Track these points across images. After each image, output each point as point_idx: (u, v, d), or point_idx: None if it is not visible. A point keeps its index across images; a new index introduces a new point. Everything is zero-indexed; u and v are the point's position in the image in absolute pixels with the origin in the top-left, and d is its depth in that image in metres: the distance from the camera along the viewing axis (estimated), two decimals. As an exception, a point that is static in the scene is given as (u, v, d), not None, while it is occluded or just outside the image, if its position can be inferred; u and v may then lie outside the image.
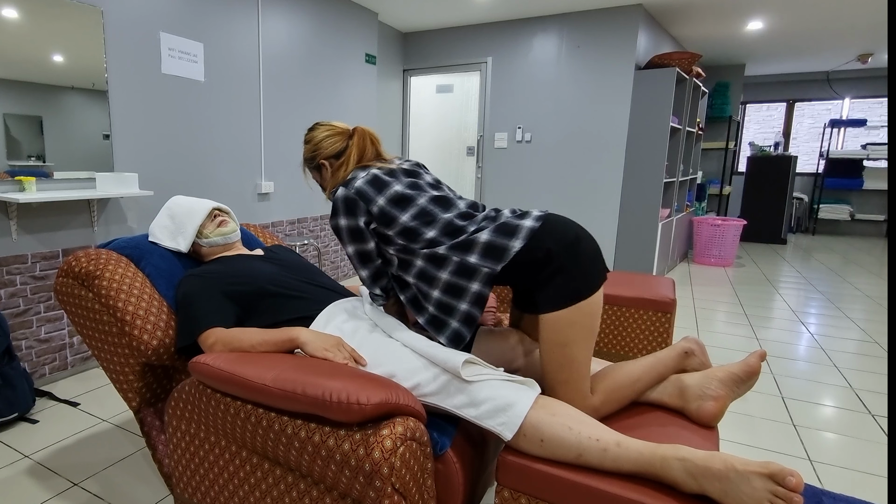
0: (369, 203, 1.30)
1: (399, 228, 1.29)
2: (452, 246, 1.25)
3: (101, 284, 1.35)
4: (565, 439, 1.02)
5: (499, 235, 1.24)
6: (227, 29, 3.10)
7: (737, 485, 0.88)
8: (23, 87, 2.21)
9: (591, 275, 1.21)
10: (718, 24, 4.87)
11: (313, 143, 1.49)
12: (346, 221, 1.32)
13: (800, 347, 3.00)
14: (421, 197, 1.34)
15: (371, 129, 1.49)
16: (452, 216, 1.32)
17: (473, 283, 1.24)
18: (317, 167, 1.51)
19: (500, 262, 1.21)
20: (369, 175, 1.35)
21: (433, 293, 1.29)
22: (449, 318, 1.27)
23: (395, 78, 5.23)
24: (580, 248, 1.21)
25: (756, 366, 1.21)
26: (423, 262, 1.29)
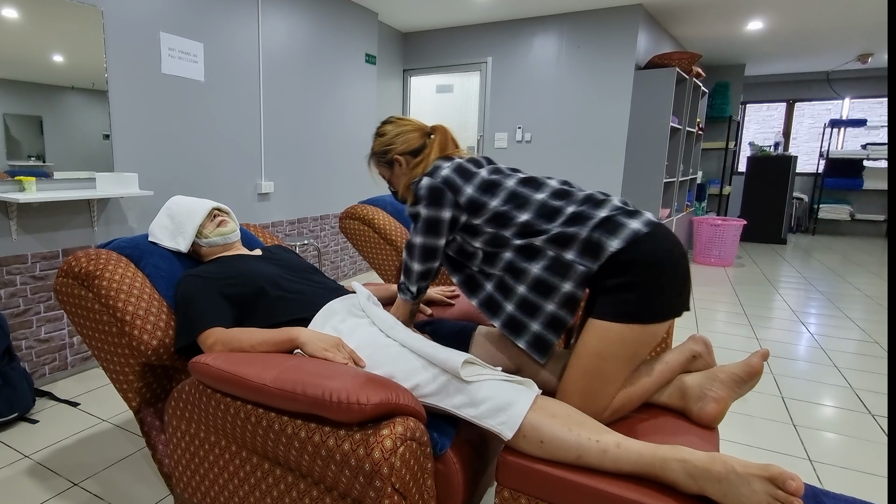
0: (457, 193, 1.26)
1: (489, 215, 1.23)
2: (549, 239, 1.17)
3: (101, 284, 1.35)
4: (565, 440, 1.01)
5: (600, 231, 1.14)
6: (227, 29, 3.10)
7: (737, 487, 0.88)
8: (23, 87, 2.21)
9: (665, 304, 1.13)
10: (718, 24, 4.87)
11: (389, 136, 1.45)
12: (428, 212, 1.27)
13: (800, 347, 3.00)
14: (508, 180, 1.28)
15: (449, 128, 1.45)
16: (546, 196, 1.24)
17: (566, 282, 1.15)
18: (389, 162, 1.46)
19: (597, 260, 1.13)
20: (454, 164, 1.31)
21: (518, 289, 1.21)
22: (531, 321, 1.20)
23: (395, 78, 5.23)
24: (669, 272, 1.12)
25: (758, 366, 1.19)
26: (513, 254, 1.22)
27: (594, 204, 1.21)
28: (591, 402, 1.17)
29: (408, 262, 1.36)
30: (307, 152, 3.84)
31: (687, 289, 1.17)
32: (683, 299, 1.17)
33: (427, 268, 1.34)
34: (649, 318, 1.12)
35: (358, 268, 4.58)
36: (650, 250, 1.12)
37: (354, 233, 2.70)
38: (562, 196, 1.24)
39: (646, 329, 1.13)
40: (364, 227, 2.65)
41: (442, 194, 1.26)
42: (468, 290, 1.34)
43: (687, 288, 1.17)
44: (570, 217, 1.19)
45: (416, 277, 1.36)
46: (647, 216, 1.17)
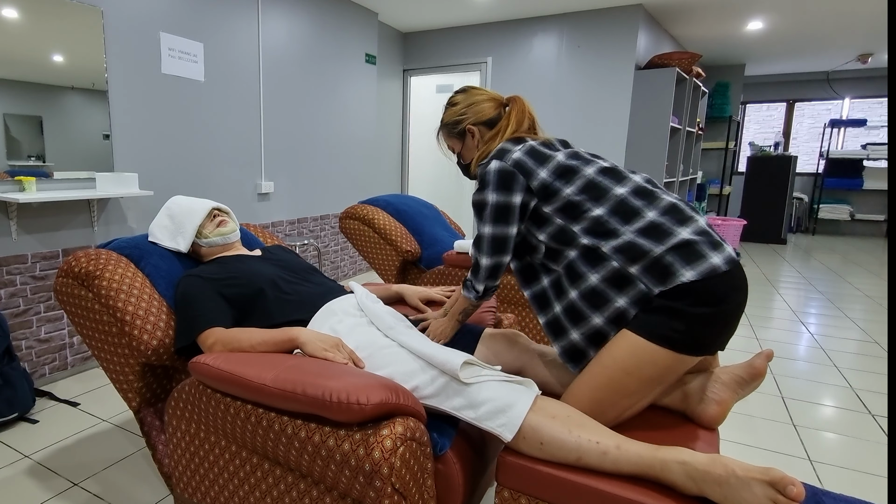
0: (529, 176, 1.17)
1: (561, 203, 1.15)
2: (619, 248, 1.08)
3: (101, 284, 1.35)
4: (565, 442, 1.01)
5: (675, 254, 1.05)
6: (227, 29, 3.10)
7: (737, 490, 0.88)
8: (23, 87, 2.21)
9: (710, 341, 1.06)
10: (718, 24, 4.87)
11: (461, 105, 1.37)
12: (497, 197, 1.17)
13: (800, 347, 3.00)
14: (588, 167, 1.18)
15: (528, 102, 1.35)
16: (626, 192, 1.14)
17: (621, 297, 1.08)
18: (460, 133, 1.37)
19: (661, 285, 1.04)
20: (526, 146, 1.22)
21: (571, 293, 1.14)
22: (573, 328, 1.14)
23: (395, 78, 5.23)
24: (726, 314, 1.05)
25: (761, 367, 1.16)
26: (577, 256, 1.13)
27: (678, 219, 1.10)
28: (601, 412, 1.13)
29: (477, 257, 1.26)
30: (307, 152, 3.84)
31: (734, 330, 1.11)
32: (726, 340, 1.11)
33: (497, 262, 1.24)
34: (689, 351, 1.06)
35: (358, 268, 4.58)
36: (720, 287, 1.04)
37: (354, 233, 2.70)
38: (644, 196, 1.15)
39: (680, 358, 1.07)
40: (364, 227, 2.65)
41: (512, 178, 1.17)
42: (524, 279, 1.28)
43: (734, 329, 1.10)
44: (649, 226, 1.09)
45: (484, 274, 1.26)
46: (728, 251, 1.07)
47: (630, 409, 1.14)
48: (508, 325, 1.73)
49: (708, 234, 1.09)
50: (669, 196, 1.17)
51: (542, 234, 1.20)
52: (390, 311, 1.45)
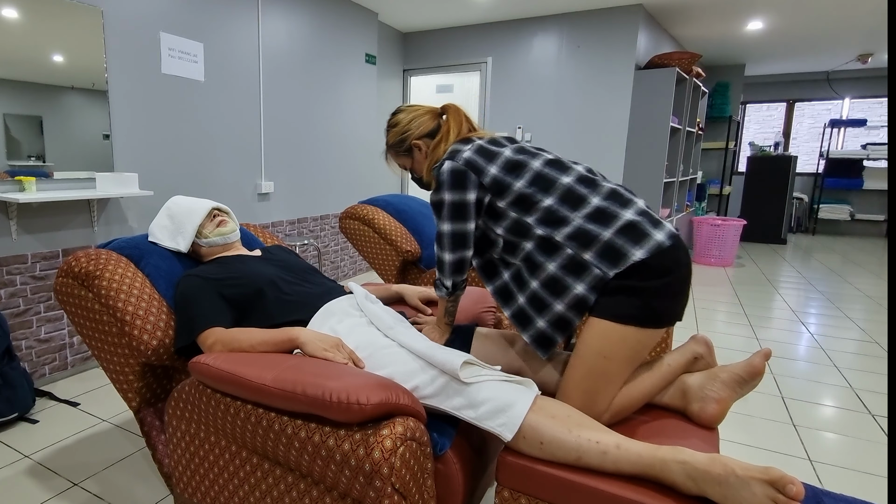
0: (481, 174, 1.23)
1: (513, 197, 1.21)
2: (571, 235, 1.16)
3: (101, 284, 1.35)
4: (565, 441, 1.01)
5: (623, 237, 1.13)
6: (227, 29, 3.10)
7: (737, 490, 0.88)
8: (23, 87, 2.21)
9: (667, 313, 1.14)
10: (718, 24, 4.87)
11: (401, 125, 1.43)
12: (452, 196, 1.24)
13: (800, 347, 3.00)
14: (535, 160, 1.25)
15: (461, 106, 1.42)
16: (572, 181, 1.22)
17: (579, 283, 1.14)
18: (407, 150, 1.44)
19: (614, 267, 1.12)
20: (475, 145, 1.29)
21: (532, 283, 1.20)
22: (538, 316, 1.20)
23: (395, 78, 5.23)
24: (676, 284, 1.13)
25: (760, 366, 1.18)
26: (533, 247, 1.20)
27: (619, 202, 1.19)
28: (592, 401, 1.17)
29: (439, 254, 1.31)
30: (307, 152, 3.84)
31: (686, 299, 1.19)
32: (682, 309, 1.18)
33: (459, 257, 1.29)
34: (651, 324, 1.13)
35: (358, 268, 4.58)
36: (665, 261, 1.11)
37: (354, 233, 2.70)
38: (588, 184, 1.22)
39: (646, 332, 1.13)
40: (364, 227, 2.65)
41: (465, 176, 1.23)
42: (485, 275, 1.33)
43: (686, 298, 1.19)
44: (595, 211, 1.17)
45: (449, 269, 1.31)
46: (669, 228, 1.16)
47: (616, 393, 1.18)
48: (508, 324, 1.73)
49: (648, 213, 1.18)
50: (609, 183, 1.26)
51: (500, 228, 1.25)
52: (390, 311, 1.45)
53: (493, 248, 1.30)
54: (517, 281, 1.25)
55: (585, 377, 1.16)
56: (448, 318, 1.42)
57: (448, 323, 1.43)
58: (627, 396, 1.20)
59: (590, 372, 1.15)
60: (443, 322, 1.43)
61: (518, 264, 1.25)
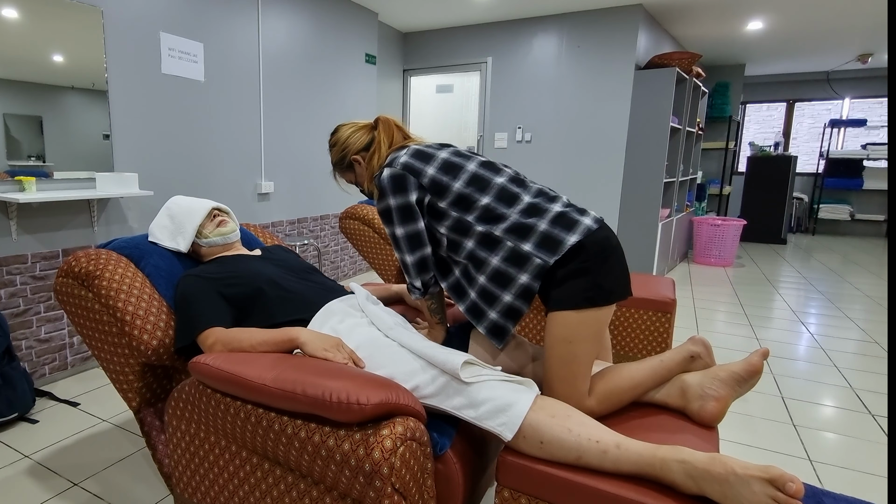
0: (419, 175, 1.28)
1: (453, 197, 1.27)
2: (508, 229, 1.23)
3: (101, 284, 1.35)
4: (565, 441, 1.01)
5: (556, 226, 1.21)
6: (227, 29, 3.10)
7: (737, 489, 0.88)
8: (23, 87, 2.21)
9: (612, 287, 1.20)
10: (718, 24, 4.87)
11: (340, 143, 1.49)
12: (396, 200, 1.28)
13: (800, 347, 3.00)
14: (469, 163, 1.32)
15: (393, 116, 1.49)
16: (505, 181, 1.30)
17: (523, 274, 1.21)
18: (349, 166, 1.50)
19: (553, 254, 1.19)
20: (411, 150, 1.34)
21: (479, 278, 1.26)
22: (489, 309, 1.25)
23: (395, 78, 5.23)
24: (612, 258, 1.21)
25: (758, 364, 1.19)
26: (475, 244, 1.26)
27: (547, 198, 1.28)
28: (572, 386, 1.21)
29: (401, 258, 1.35)
30: (307, 152, 3.84)
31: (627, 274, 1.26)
32: (626, 283, 1.25)
33: (420, 256, 1.33)
34: (602, 300, 1.19)
35: (358, 268, 4.58)
36: (597, 240, 1.20)
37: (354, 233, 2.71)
38: (518, 183, 1.31)
39: (600, 311, 1.20)
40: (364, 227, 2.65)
41: (404, 179, 1.28)
42: (440, 273, 1.37)
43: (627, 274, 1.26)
44: (527, 207, 1.25)
45: (414, 270, 1.35)
46: (593, 214, 1.26)
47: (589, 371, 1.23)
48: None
49: (573, 205, 1.29)
50: (535, 183, 1.36)
51: (443, 227, 1.30)
52: (390, 311, 1.45)
53: (439, 248, 1.35)
54: (466, 277, 1.30)
55: (558, 365, 1.21)
56: (437, 316, 1.44)
57: (439, 321, 1.45)
58: (613, 382, 1.24)
59: (560, 359, 1.20)
60: (433, 322, 1.44)
61: (464, 262, 1.29)
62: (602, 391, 1.23)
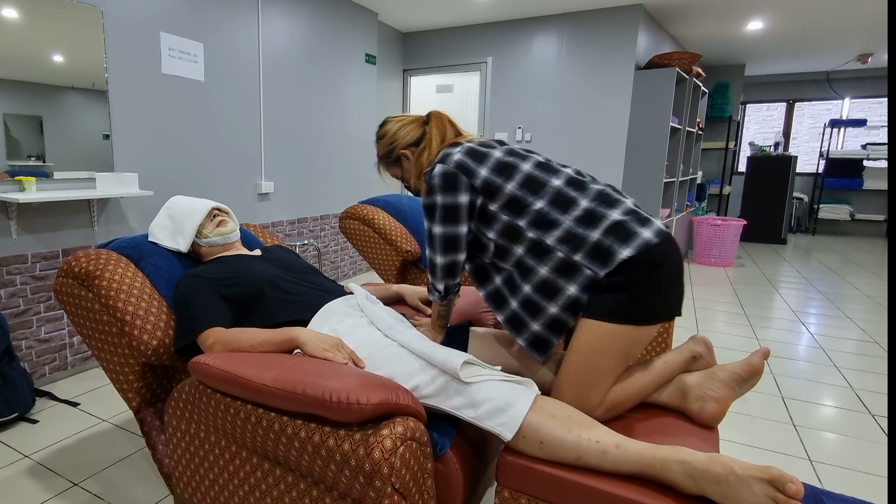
0: (471, 175, 1.23)
1: (505, 200, 1.22)
2: (561, 238, 1.17)
3: (101, 284, 1.35)
4: (565, 441, 1.01)
5: (611, 236, 1.14)
6: (227, 29, 3.10)
7: (736, 489, 0.88)
8: (23, 87, 2.21)
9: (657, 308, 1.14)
10: (718, 24, 4.87)
11: (388, 136, 1.45)
12: (444, 198, 1.23)
13: (800, 347, 3.00)
14: (525, 163, 1.26)
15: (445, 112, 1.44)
16: (561, 184, 1.23)
17: (572, 285, 1.15)
18: (396, 160, 1.46)
19: (604, 266, 1.12)
20: (464, 148, 1.29)
21: (524, 287, 1.21)
22: (532, 320, 1.20)
23: (395, 78, 5.23)
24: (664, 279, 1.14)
25: (759, 364, 1.18)
26: (524, 251, 1.21)
27: (608, 203, 1.20)
28: (584, 396, 1.17)
29: (431, 257, 1.30)
30: (307, 152, 3.84)
31: (679, 294, 1.19)
32: (675, 304, 1.18)
33: (451, 260, 1.28)
34: (641, 320, 1.13)
35: (358, 268, 4.58)
36: (653, 255, 1.12)
37: (354, 233, 2.71)
38: (576, 186, 1.23)
39: (637, 329, 1.14)
40: (364, 227, 2.65)
41: (456, 178, 1.23)
42: (477, 280, 1.33)
43: (680, 294, 1.19)
44: (584, 214, 1.18)
45: (441, 273, 1.30)
46: (657, 225, 1.17)
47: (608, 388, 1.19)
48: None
49: (636, 212, 1.19)
50: (597, 184, 1.26)
51: (492, 232, 1.25)
52: (390, 311, 1.45)
53: (484, 253, 1.30)
54: (509, 285, 1.25)
55: (577, 372, 1.17)
56: (441, 321, 1.42)
57: (442, 325, 1.43)
58: (622, 392, 1.21)
59: (582, 367, 1.16)
60: (437, 325, 1.42)
61: (509, 269, 1.25)
62: (610, 401, 1.20)
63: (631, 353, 1.17)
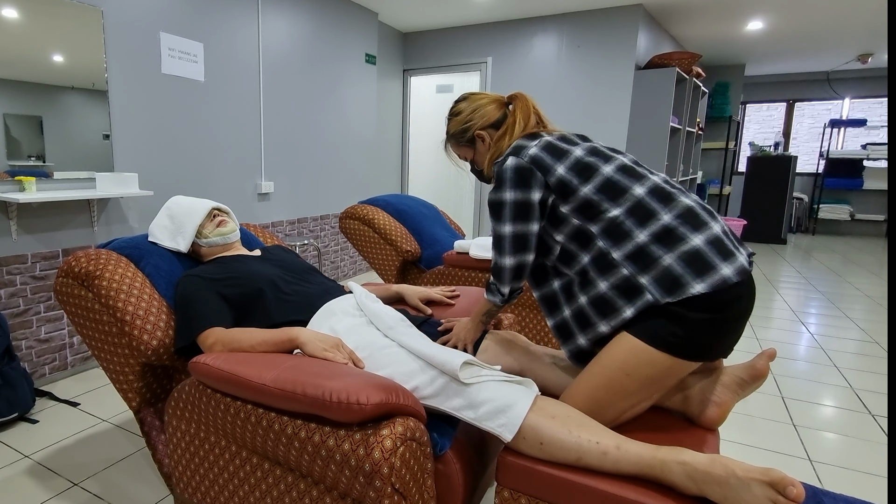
0: (547, 172, 1.14)
1: (578, 203, 1.13)
2: (630, 254, 1.07)
3: (101, 284, 1.35)
4: (565, 442, 1.01)
5: (686, 265, 1.03)
6: (227, 29, 3.10)
7: (737, 491, 0.88)
8: (23, 87, 2.21)
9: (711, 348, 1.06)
10: (718, 24, 4.87)
11: (466, 113, 1.35)
12: (515, 195, 1.15)
13: (800, 347, 3.00)
14: (607, 165, 1.15)
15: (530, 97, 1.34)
16: (644, 193, 1.11)
17: (629, 307, 1.06)
18: (470, 140, 1.36)
19: (668, 295, 1.03)
20: (542, 142, 1.20)
21: (580, 298, 1.14)
22: (580, 333, 1.15)
23: (395, 78, 5.23)
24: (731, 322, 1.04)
25: (763, 368, 1.15)
26: (589, 262, 1.13)
27: (692, 224, 1.08)
28: (599, 411, 1.13)
29: (497, 259, 1.22)
30: (307, 152, 3.84)
31: (738, 337, 1.10)
32: (730, 347, 1.10)
33: (520, 261, 1.19)
34: (689, 356, 1.06)
35: (358, 268, 4.58)
36: (727, 298, 1.03)
37: (354, 233, 2.70)
38: (661, 197, 1.11)
39: (679, 362, 1.07)
40: (364, 227, 2.65)
41: (530, 174, 1.14)
42: (534, 280, 1.27)
43: (739, 336, 1.10)
44: (662, 230, 1.07)
45: (509, 276, 1.21)
46: (741, 261, 1.05)
47: (628, 412, 1.14)
48: (508, 325, 1.73)
49: (720, 241, 1.06)
50: (687, 198, 1.13)
51: (559, 235, 1.18)
52: (390, 311, 1.45)
53: (548, 255, 1.22)
54: (566, 293, 1.19)
55: (600, 388, 1.10)
56: (486, 317, 1.35)
57: (484, 322, 1.36)
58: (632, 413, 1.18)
59: (607, 384, 1.10)
60: (479, 319, 1.35)
61: (571, 276, 1.18)
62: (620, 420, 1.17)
63: (662, 385, 1.10)
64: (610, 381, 1.10)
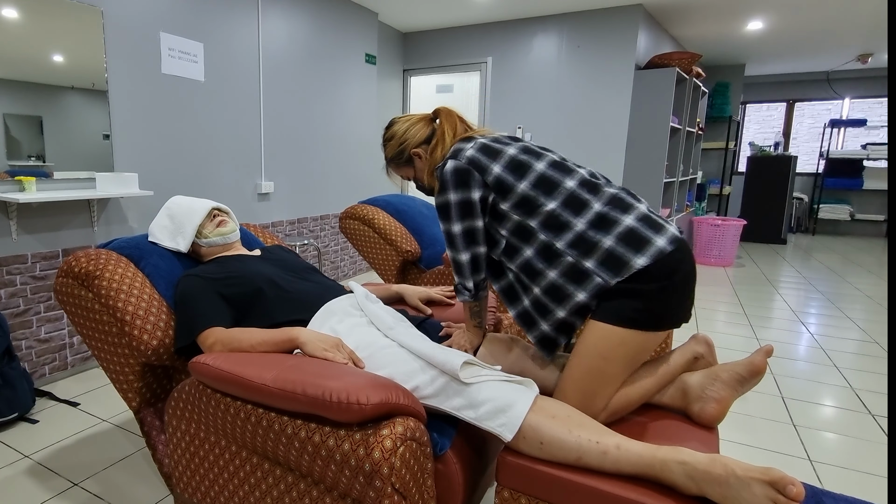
0: (484, 172, 1.21)
1: (517, 199, 1.20)
2: (572, 242, 1.15)
3: (101, 284, 1.35)
4: (565, 442, 1.01)
5: (624, 244, 1.12)
6: (227, 29, 3.10)
7: (737, 490, 0.88)
8: (23, 87, 2.21)
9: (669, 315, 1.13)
10: (718, 24, 4.87)
11: (398, 136, 1.43)
12: (457, 195, 1.22)
13: (800, 347, 3.00)
14: (539, 162, 1.23)
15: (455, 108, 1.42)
16: (575, 185, 1.20)
17: (580, 291, 1.14)
18: (408, 160, 1.44)
19: (616, 275, 1.11)
20: (477, 144, 1.26)
21: (534, 289, 1.20)
22: (542, 320, 1.21)
23: (395, 78, 5.23)
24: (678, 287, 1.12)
25: (761, 364, 1.17)
26: (534, 253, 1.20)
27: (621, 207, 1.18)
28: (589, 401, 1.17)
29: (454, 256, 1.28)
30: (307, 152, 3.84)
31: (691, 301, 1.17)
32: (686, 311, 1.17)
33: (474, 253, 1.27)
34: (651, 327, 1.12)
35: (358, 268, 4.58)
36: (666, 264, 1.11)
37: (354, 233, 2.71)
38: (590, 188, 1.21)
39: (646, 335, 1.13)
40: (364, 227, 2.65)
41: (468, 175, 1.21)
42: (492, 274, 1.32)
43: (691, 300, 1.17)
44: (596, 217, 1.16)
45: (468, 269, 1.28)
46: (671, 231, 1.15)
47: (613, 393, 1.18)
48: (509, 324, 1.73)
49: (649, 218, 1.17)
50: (612, 187, 1.23)
51: (503, 230, 1.24)
52: (390, 311, 1.45)
53: (494, 249, 1.30)
54: (521, 283, 1.25)
55: (583, 377, 1.16)
56: (476, 320, 1.38)
57: (477, 326, 1.39)
58: (625, 397, 1.20)
59: (588, 372, 1.16)
60: (471, 325, 1.39)
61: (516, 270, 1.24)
62: (613, 407, 1.19)
63: (638, 360, 1.17)
64: (591, 370, 1.15)
